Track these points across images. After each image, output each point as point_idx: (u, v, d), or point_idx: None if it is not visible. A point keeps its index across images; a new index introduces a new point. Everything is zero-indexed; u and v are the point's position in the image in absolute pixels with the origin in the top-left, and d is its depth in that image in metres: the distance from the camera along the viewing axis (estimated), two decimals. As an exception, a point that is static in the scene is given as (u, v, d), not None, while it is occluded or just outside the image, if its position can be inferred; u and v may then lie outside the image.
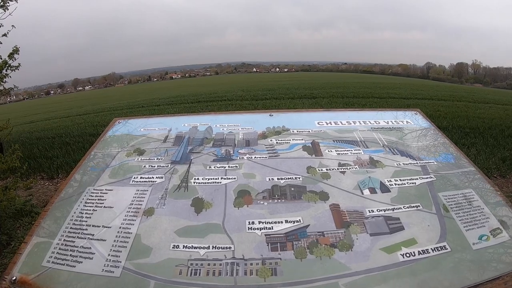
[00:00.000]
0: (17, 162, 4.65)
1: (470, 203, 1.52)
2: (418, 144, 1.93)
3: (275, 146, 1.85)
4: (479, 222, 1.43)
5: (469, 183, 1.64)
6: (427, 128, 2.12)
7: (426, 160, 1.78)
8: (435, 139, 2.00)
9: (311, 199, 1.48)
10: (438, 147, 1.92)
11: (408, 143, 1.93)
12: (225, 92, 25.34)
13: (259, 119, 2.13)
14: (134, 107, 20.77)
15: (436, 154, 1.85)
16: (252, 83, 40.35)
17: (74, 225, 1.47)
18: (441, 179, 1.64)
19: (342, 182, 1.58)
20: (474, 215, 1.46)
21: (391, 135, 2.01)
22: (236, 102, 18.31)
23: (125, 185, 1.65)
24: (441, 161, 1.79)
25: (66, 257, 1.34)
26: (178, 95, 26.56)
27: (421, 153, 1.84)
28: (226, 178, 1.62)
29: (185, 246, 1.31)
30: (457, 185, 1.62)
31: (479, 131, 9.80)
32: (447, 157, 1.83)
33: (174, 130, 2.08)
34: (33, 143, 11.07)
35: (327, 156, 1.76)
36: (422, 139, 1.98)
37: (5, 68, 4.64)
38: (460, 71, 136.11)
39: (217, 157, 1.78)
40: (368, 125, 2.10)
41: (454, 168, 1.74)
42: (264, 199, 1.48)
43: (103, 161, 1.87)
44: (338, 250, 1.27)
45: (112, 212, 1.51)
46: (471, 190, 1.59)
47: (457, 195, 1.56)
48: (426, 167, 1.72)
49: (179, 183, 1.61)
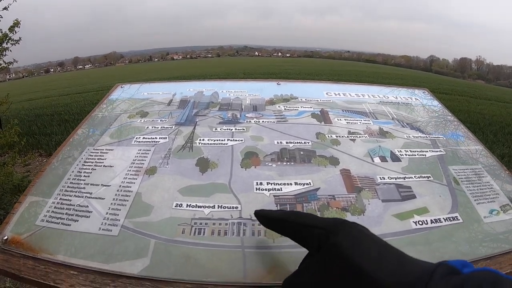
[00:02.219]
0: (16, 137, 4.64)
1: (480, 179, 1.49)
2: (427, 119, 1.91)
3: (283, 112, 1.80)
4: (489, 197, 1.40)
5: (478, 160, 1.62)
6: (435, 106, 2.10)
7: (435, 135, 1.75)
8: (443, 117, 1.97)
9: (321, 163, 1.44)
10: (446, 124, 1.89)
11: (417, 118, 1.90)
12: (227, 74, 25.30)
13: (266, 87, 2.09)
14: (134, 86, 20.72)
15: (445, 131, 1.82)
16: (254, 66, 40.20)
17: (72, 184, 1.41)
18: (451, 153, 1.62)
19: (352, 149, 1.54)
20: (484, 190, 1.44)
21: (400, 109, 1.97)
22: (237, 80, 18.31)
23: (126, 145, 1.60)
24: (450, 137, 1.76)
25: (61, 215, 1.27)
26: (179, 76, 26.52)
27: (430, 129, 1.81)
28: (232, 140, 1.57)
29: (189, 205, 1.26)
30: (466, 160, 1.59)
31: (479, 126, 9.89)
32: (455, 134, 1.80)
33: (179, 94, 2.03)
34: (32, 120, 11.11)
35: (337, 124, 1.72)
36: (431, 115, 1.95)
37: (5, 41, 4.59)
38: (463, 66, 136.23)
39: (224, 120, 1.74)
40: (377, 98, 2.06)
41: (463, 145, 1.72)
42: (272, 161, 1.44)
43: (104, 122, 1.82)
44: (350, 214, 1.23)
45: (112, 171, 1.45)
46: (481, 167, 1.57)
47: (467, 169, 1.53)
48: (435, 141, 1.69)
49: (183, 144, 1.56)
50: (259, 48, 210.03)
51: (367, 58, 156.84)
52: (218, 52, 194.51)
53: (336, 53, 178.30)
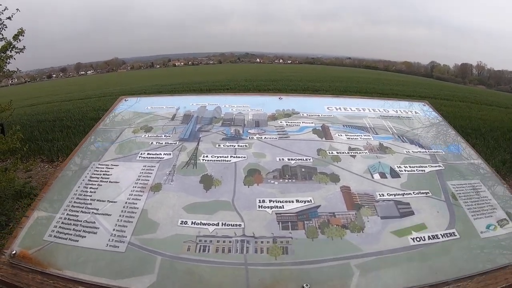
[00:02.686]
0: (18, 143, 4.66)
1: (478, 193, 1.52)
2: (427, 134, 1.94)
3: (285, 128, 1.84)
4: (486, 212, 1.43)
5: (477, 174, 1.65)
6: (435, 119, 2.12)
7: (434, 149, 1.78)
8: (443, 130, 2.00)
9: (322, 180, 1.47)
10: (446, 138, 1.92)
11: (417, 132, 1.93)
12: (228, 81, 25.31)
13: (268, 102, 2.13)
14: (136, 93, 20.78)
15: (445, 144, 1.85)
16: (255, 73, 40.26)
17: (78, 200, 1.45)
18: (450, 168, 1.65)
19: (352, 165, 1.58)
20: (481, 205, 1.47)
21: (400, 123, 2.01)
22: (239, 92, 18.32)
23: (131, 161, 1.64)
24: (449, 151, 1.79)
25: (68, 231, 1.32)
26: (181, 83, 26.55)
27: (430, 143, 1.84)
28: (235, 157, 1.61)
29: (194, 222, 1.30)
30: (465, 175, 1.62)
31: (481, 132, 9.84)
32: (455, 148, 1.83)
33: (182, 109, 2.07)
34: (34, 125, 11.10)
35: (337, 140, 1.76)
36: (430, 129, 1.98)
37: (9, 49, 4.63)
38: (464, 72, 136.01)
39: (227, 136, 1.78)
40: (377, 112, 2.10)
41: (462, 159, 1.75)
42: (274, 178, 1.48)
43: (109, 137, 1.86)
44: (350, 231, 1.27)
45: (117, 187, 1.49)
46: (479, 181, 1.59)
47: (465, 184, 1.56)
48: (434, 156, 1.72)
49: (187, 160, 1.60)
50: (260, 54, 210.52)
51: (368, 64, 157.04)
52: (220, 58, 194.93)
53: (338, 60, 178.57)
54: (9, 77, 5.36)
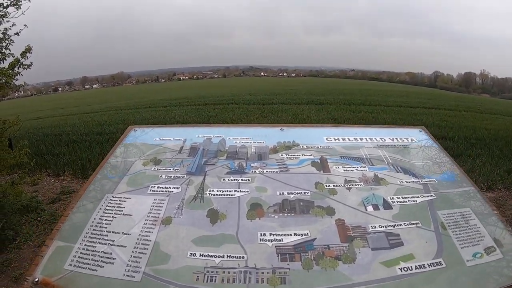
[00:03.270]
0: (25, 158, 4.75)
1: (467, 222, 1.62)
2: (421, 162, 2.03)
3: (286, 161, 1.96)
4: (474, 240, 1.53)
5: (468, 202, 1.74)
6: (430, 146, 2.21)
7: (427, 178, 1.87)
8: (437, 157, 2.09)
9: (319, 213, 1.60)
10: (440, 166, 2.01)
11: (411, 161, 2.02)
12: (233, 95, 25.41)
13: (270, 133, 2.24)
14: (141, 107, 20.91)
15: (438, 172, 1.94)
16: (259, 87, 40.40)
17: (95, 231, 1.59)
18: (441, 197, 1.75)
19: (347, 198, 1.69)
20: (470, 233, 1.56)
21: (396, 152, 2.10)
22: (243, 106, 18.40)
23: (143, 194, 1.77)
24: (442, 179, 1.88)
25: (87, 261, 1.45)
26: (186, 97, 26.67)
27: (424, 171, 1.93)
28: (239, 191, 1.73)
29: (202, 254, 1.43)
30: (456, 203, 1.72)
31: (485, 142, 9.84)
32: (448, 175, 1.93)
33: (189, 141, 2.18)
34: (40, 139, 11.21)
35: (334, 173, 1.87)
36: (425, 157, 2.08)
37: (17, 66, 4.74)
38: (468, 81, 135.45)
39: (231, 170, 1.90)
40: (374, 142, 2.19)
41: (454, 187, 1.84)
42: (275, 212, 1.60)
43: (120, 169, 1.99)
44: (342, 262, 1.39)
45: (131, 220, 1.63)
46: (469, 209, 1.69)
47: (455, 213, 1.66)
48: (427, 185, 1.82)
49: (195, 194, 1.73)
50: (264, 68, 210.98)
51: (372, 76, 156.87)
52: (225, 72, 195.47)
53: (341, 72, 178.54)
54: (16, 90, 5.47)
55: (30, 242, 4.76)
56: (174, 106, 20.18)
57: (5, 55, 4.84)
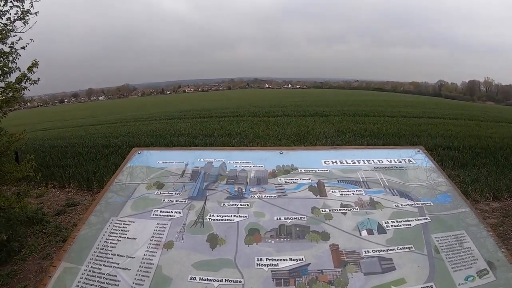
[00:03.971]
0: (31, 171, 4.83)
1: (461, 244, 1.65)
2: (418, 184, 2.06)
3: (284, 186, 2.02)
4: (467, 264, 1.56)
5: (463, 224, 1.77)
6: (427, 167, 2.23)
7: (423, 201, 1.91)
8: (434, 178, 2.12)
9: (314, 238, 1.65)
10: (436, 187, 2.04)
11: (408, 183, 2.06)
12: (237, 107, 25.56)
13: (270, 157, 2.29)
14: (146, 120, 21.10)
15: (434, 194, 1.97)
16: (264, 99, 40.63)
17: (101, 253, 1.66)
18: (436, 220, 1.78)
19: (342, 223, 1.74)
20: (463, 256, 1.59)
21: (393, 174, 2.13)
22: (248, 118, 18.52)
23: (146, 218, 1.85)
24: (438, 202, 1.92)
25: (94, 282, 1.53)
26: (191, 109, 26.88)
27: (420, 194, 1.97)
28: (238, 216, 1.80)
29: (201, 278, 1.50)
30: (451, 226, 1.75)
31: (490, 151, 9.85)
32: (444, 197, 1.96)
33: (191, 164, 2.25)
34: (46, 151, 11.38)
35: (331, 197, 1.92)
36: (422, 179, 2.11)
37: (24, 81, 4.82)
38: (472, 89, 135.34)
39: (231, 194, 1.96)
40: (371, 164, 2.23)
41: (449, 209, 1.87)
42: (272, 237, 1.66)
43: (124, 192, 2.06)
44: (335, 287, 1.45)
45: (135, 243, 1.70)
46: (463, 232, 1.72)
47: (449, 236, 1.69)
48: (422, 208, 1.86)
49: (195, 219, 1.80)
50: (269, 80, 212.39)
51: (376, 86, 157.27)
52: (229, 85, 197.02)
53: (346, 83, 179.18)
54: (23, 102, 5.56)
55: (35, 254, 4.84)
56: (179, 119, 20.35)
57: (12, 69, 4.93)
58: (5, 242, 4.48)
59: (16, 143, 4.86)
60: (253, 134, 13.30)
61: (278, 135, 13.16)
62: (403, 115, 19.74)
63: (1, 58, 4.87)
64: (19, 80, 4.77)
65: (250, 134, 13.42)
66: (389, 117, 18.69)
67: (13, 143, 4.80)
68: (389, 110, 22.42)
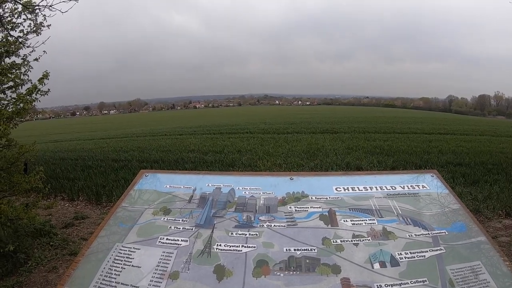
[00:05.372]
0: (40, 183, 4.85)
1: (477, 276, 1.58)
2: (432, 212, 1.99)
3: (294, 214, 1.96)
4: (482, 297, 1.48)
5: (478, 255, 1.70)
6: (441, 193, 2.16)
7: (437, 230, 1.84)
8: (448, 205, 2.05)
9: (324, 272, 1.59)
10: (451, 214, 1.97)
11: (421, 211, 1.99)
12: (247, 124, 25.68)
13: (280, 183, 2.22)
14: (157, 135, 21.26)
15: (449, 223, 1.90)
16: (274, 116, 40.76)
17: (104, 281, 1.62)
18: (451, 250, 1.71)
19: (354, 255, 1.68)
20: None
21: (406, 202, 2.06)
22: (258, 135, 18.56)
23: (151, 245, 1.80)
24: (453, 231, 1.85)
25: (97, 310, 1.48)
26: (201, 125, 27.08)
27: (434, 222, 1.90)
28: (246, 246, 1.74)
29: (206, 313, 1.44)
30: (466, 257, 1.68)
31: (502, 166, 9.80)
32: (459, 226, 1.89)
33: (199, 190, 2.20)
34: (56, 163, 11.54)
35: (342, 227, 1.85)
36: (436, 206, 2.03)
37: (34, 92, 4.87)
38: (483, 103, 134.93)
39: (239, 223, 1.91)
40: (384, 191, 2.16)
41: (465, 238, 1.80)
42: (280, 270, 1.60)
43: (130, 217, 2.02)
44: (345, 325, 1.38)
45: (139, 272, 1.65)
46: (479, 262, 1.65)
47: (465, 268, 1.62)
48: (437, 238, 1.79)
49: (202, 249, 1.74)
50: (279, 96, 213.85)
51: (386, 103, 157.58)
52: (240, 101, 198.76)
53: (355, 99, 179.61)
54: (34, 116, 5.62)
55: (41, 267, 4.85)
56: (189, 135, 20.47)
57: (23, 81, 4.99)
58: (11, 253, 4.53)
59: (25, 154, 4.90)
60: (263, 151, 13.28)
61: (288, 152, 13.12)
62: (414, 132, 19.68)
63: (14, 70, 4.94)
64: (30, 92, 4.84)
65: (260, 151, 13.41)
66: (399, 134, 18.63)
67: (22, 154, 4.84)
68: (399, 127, 22.38)
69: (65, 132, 34.32)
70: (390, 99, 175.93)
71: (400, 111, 75.35)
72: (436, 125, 24.35)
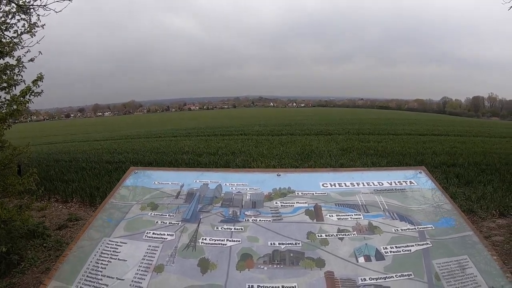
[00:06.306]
0: (33, 185, 4.84)
1: (464, 271, 1.57)
2: (419, 207, 1.99)
3: (280, 209, 1.95)
4: (468, 291, 1.48)
5: (466, 249, 1.70)
6: (429, 189, 2.16)
7: (424, 225, 1.84)
8: (436, 201, 2.05)
9: (308, 265, 1.59)
10: (438, 210, 1.97)
11: (408, 206, 1.98)
12: (242, 126, 25.70)
13: (267, 179, 2.23)
14: (151, 137, 21.24)
15: (436, 218, 1.90)
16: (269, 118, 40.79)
17: (91, 274, 1.63)
18: (438, 245, 1.71)
19: (339, 249, 1.67)
20: (465, 283, 1.52)
21: (393, 197, 2.06)
22: (253, 137, 18.57)
23: (138, 240, 1.80)
24: (440, 225, 1.84)
25: (82, 303, 1.48)
26: (195, 127, 27.04)
27: (421, 217, 1.89)
28: (231, 240, 1.74)
29: (190, 304, 1.44)
30: (453, 251, 1.68)
31: (496, 167, 9.87)
32: (446, 221, 1.88)
33: (186, 186, 2.20)
34: (50, 165, 11.52)
35: (328, 221, 1.85)
36: (423, 201, 2.03)
37: (28, 94, 4.86)
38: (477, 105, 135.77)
39: (225, 217, 1.91)
40: (371, 186, 2.16)
41: (452, 233, 1.79)
42: (264, 263, 1.60)
43: (119, 212, 2.02)
44: (328, 317, 1.38)
45: (125, 266, 1.66)
46: (466, 257, 1.64)
47: (451, 262, 1.61)
48: (423, 232, 1.78)
49: (188, 242, 1.75)
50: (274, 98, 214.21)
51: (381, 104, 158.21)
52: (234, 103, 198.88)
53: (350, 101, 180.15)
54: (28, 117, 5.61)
55: (34, 268, 4.86)
56: (183, 136, 20.46)
57: (17, 81, 4.97)
58: (4, 255, 4.51)
59: (19, 156, 4.88)
60: (257, 153, 13.29)
61: (282, 154, 13.13)
62: (408, 133, 19.76)
63: (8, 71, 4.92)
64: (23, 94, 4.82)
65: (254, 153, 13.41)
66: (393, 135, 18.71)
67: (16, 155, 4.83)
68: (394, 128, 22.45)
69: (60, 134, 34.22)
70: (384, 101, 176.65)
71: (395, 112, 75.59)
72: (430, 127, 24.44)
